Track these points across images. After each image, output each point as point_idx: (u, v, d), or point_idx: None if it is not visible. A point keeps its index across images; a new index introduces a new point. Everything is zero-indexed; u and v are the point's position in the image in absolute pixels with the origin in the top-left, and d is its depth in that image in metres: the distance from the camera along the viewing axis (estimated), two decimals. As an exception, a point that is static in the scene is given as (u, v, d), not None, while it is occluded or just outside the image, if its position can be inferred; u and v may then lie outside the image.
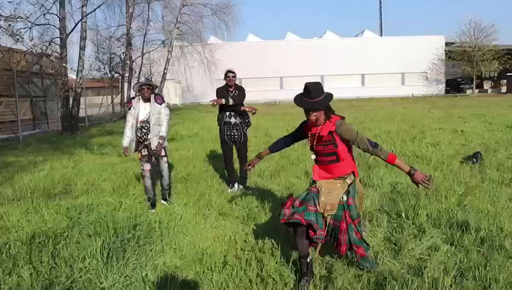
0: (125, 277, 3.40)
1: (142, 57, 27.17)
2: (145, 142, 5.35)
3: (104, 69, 28.76)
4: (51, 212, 5.06)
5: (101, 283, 3.28)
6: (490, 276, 3.02)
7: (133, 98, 5.43)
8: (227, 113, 6.11)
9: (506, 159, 7.33)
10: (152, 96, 5.33)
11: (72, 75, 20.11)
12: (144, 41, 27.37)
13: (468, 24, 44.20)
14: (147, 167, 5.39)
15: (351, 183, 3.26)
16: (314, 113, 3.13)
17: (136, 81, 26.68)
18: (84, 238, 4.10)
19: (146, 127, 5.30)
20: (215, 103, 6.02)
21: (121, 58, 27.25)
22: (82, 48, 17.66)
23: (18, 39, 14.85)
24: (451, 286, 2.90)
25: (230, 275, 3.31)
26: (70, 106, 17.46)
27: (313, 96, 3.08)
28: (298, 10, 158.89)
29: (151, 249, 3.93)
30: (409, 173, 3.09)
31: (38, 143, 14.02)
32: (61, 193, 6.25)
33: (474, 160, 7.13)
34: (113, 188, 6.37)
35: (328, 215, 3.14)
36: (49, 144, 13.49)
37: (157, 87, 5.44)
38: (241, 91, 6.17)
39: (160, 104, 5.32)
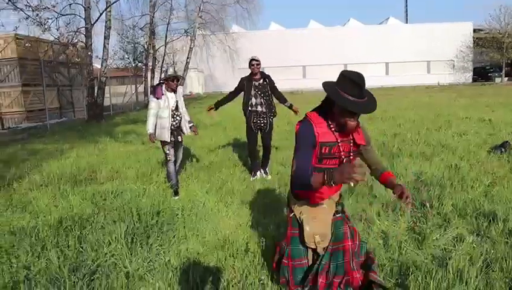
0: (149, 261, 3.47)
1: (165, 46, 27.32)
2: (173, 129, 5.52)
3: (128, 58, 29.11)
4: (77, 198, 5.18)
5: (125, 267, 3.35)
6: (518, 268, 2.95)
7: (158, 85, 5.51)
8: (254, 101, 6.11)
9: (536, 149, 7.10)
10: (179, 87, 5.52)
11: (96, 65, 20.44)
12: (167, 31, 27.51)
13: (497, 9, 42.81)
14: (172, 151, 5.56)
15: (338, 200, 2.65)
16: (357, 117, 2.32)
17: (159, 71, 26.97)
18: (109, 224, 4.19)
19: (178, 115, 5.52)
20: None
21: (144, 47, 27.48)
22: (106, 38, 17.90)
23: (46, 29, 15.15)
24: (476, 277, 2.84)
25: (252, 261, 3.33)
26: (96, 94, 17.78)
27: (364, 95, 2.24)
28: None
29: (174, 236, 3.98)
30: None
31: (65, 131, 14.36)
32: (87, 179, 6.39)
33: (503, 149, 6.93)
34: (137, 176, 6.47)
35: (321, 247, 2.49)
36: (75, 132, 13.81)
37: (184, 79, 5.59)
38: (270, 82, 6.19)
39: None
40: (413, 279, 2.89)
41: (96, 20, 17.73)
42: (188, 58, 27.73)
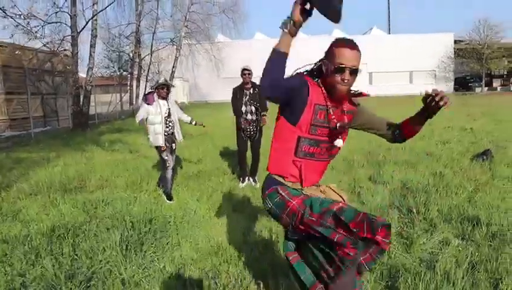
0: (144, 268, 3.50)
1: (151, 55, 27.33)
2: (167, 136, 5.65)
3: (113, 67, 29.01)
4: (68, 207, 5.19)
5: (120, 274, 3.38)
6: (501, 269, 3.08)
7: (149, 93, 5.59)
8: (245, 109, 6.23)
9: (516, 156, 7.36)
10: (170, 96, 5.69)
11: (81, 74, 20.35)
12: (152, 40, 27.56)
13: (477, 21, 43.99)
14: (171, 157, 5.72)
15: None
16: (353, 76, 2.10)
17: (145, 79, 26.94)
18: (102, 232, 4.21)
19: (171, 121, 5.65)
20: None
21: (129, 56, 27.43)
22: (93, 46, 17.84)
23: (36, 36, 15.11)
24: (463, 278, 2.96)
25: (246, 267, 3.40)
26: (81, 103, 17.66)
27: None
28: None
29: (167, 242, 4.03)
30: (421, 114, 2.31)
31: (50, 140, 14.22)
32: (76, 188, 6.38)
33: (484, 157, 7.15)
34: (127, 184, 6.48)
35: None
36: (60, 141, 13.68)
37: (174, 86, 5.72)
38: (260, 92, 6.30)
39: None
40: (403, 281, 3.00)
41: (83, 28, 17.70)
42: (173, 67, 27.77)
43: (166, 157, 5.62)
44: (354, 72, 2.09)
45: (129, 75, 27.99)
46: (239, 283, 3.13)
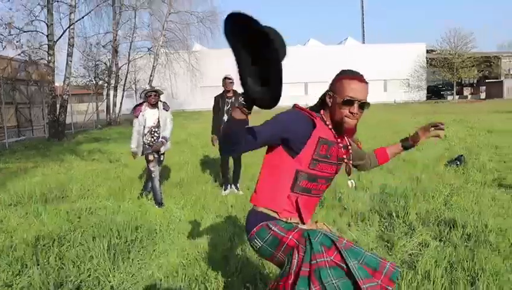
0: (132, 275, 3.53)
1: (128, 64, 27.17)
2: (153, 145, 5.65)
3: (89, 76, 28.63)
4: (51, 216, 5.15)
5: (109, 282, 3.40)
6: (477, 267, 3.25)
7: (140, 104, 5.62)
8: (225, 118, 6.32)
9: (487, 161, 7.68)
10: (160, 103, 5.64)
11: (57, 82, 20.05)
12: (130, 49, 27.45)
13: (448, 32, 45.53)
14: (157, 168, 5.72)
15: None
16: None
17: (122, 88, 26.73)
18: (86, 241, 4.20)
19: (157, 132, 5.62)
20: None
21: (106, 65, 27.18)
22: (69, 55, 17.67)
23: (17, 46, 14.90)
24: (442, 277, 3.11)
25: (234, 272, 3.47)
26: (57, 112, 17.40)
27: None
28: (283, 18, 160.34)
29: (154, 250, 4.07)
30: (406, 147, 2.50)
31: (26, 150, 13.95)
32: (58, 197, 6.33)
33: (458, 163, 7.45)
34: (109, 193, 6.46)
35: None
36: (36, 151, 13.44)
37: (163, 93, 5.73)
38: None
39: (167, 110, 5.70)
40: (386, 281, 3.12)
41: (60, 37, 17.51)
42: (151, 76, 27.66)
43: (152, 169, 5.64)
44: (363, 105, 1.97)
45: (106, 84, 27.68)
46: (228, 288, 3.19)
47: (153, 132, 5.61)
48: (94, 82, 28.53)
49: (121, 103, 28.05)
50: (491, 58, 48.89)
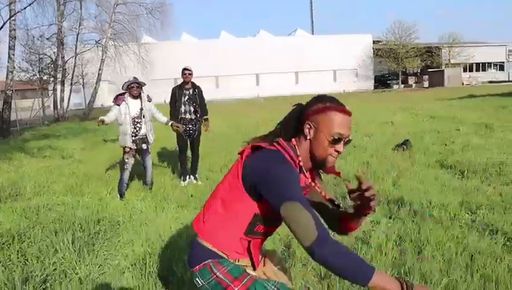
0: (99, 266, 3.58)
1: (75, 58, 26.22)
2: (136, 137, 5.73)
3: (33, 70, 27.31)
4: (7, 214, 5.04)
5: (76, 274, 3.43)
6: (423, 239, 3.59)
7: (121, 94, 5.68)
8: (183, 109, 6.39)
9: (431, 145, 8.27)
10: (143, 94, 5.76)
11: (-3, 78, 19.08)
12: (77, 41, 26.44)
13: (392, 23, 47.41)
14: (132, 160, 5.80)
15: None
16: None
17: (69, 82, 25.77)
18: (49, 236, 4.18)
19: (140, 123, 5.69)
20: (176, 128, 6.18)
21: (52, 58, 26.05)
22: (11, 48, 16.82)
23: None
24: (392, 249, 3.42)
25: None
26: (1, 109, 16.60)
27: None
28: (234, 8, 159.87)
29: (118, 240, 4.12)
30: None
31: (-32, 149, 13.23)
32: (11, 195, 6.15)
33: (404, 147, 7.95)
34: (66, 189, 6.36)
35: None
36: (-20, 150, 12.79)
37: (145, 85, 5.77)
38: (200, 91, 6.51)
39: (150, 101, 5.84)
40: (343, 256, 3.39)
41: (-1, 28, 16.60)
42: (99, 69, 26.82)
43: (126, 160, 5.72)
44: (348, 142, 1.73)
45: (52, 79, 26.54)
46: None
47: (135, 122, 5.67)
48: (38, 77, 27.28)
49: (68, 98, 26.99)
50: (433, 49, 51.43)
